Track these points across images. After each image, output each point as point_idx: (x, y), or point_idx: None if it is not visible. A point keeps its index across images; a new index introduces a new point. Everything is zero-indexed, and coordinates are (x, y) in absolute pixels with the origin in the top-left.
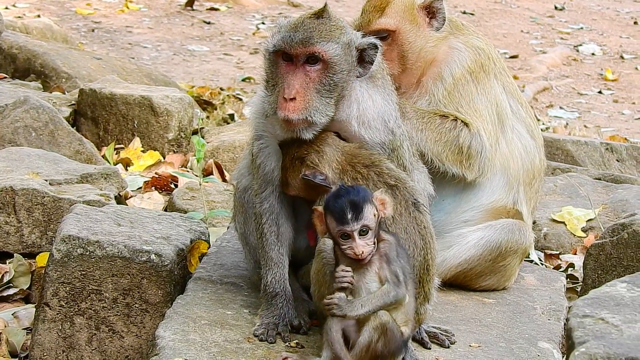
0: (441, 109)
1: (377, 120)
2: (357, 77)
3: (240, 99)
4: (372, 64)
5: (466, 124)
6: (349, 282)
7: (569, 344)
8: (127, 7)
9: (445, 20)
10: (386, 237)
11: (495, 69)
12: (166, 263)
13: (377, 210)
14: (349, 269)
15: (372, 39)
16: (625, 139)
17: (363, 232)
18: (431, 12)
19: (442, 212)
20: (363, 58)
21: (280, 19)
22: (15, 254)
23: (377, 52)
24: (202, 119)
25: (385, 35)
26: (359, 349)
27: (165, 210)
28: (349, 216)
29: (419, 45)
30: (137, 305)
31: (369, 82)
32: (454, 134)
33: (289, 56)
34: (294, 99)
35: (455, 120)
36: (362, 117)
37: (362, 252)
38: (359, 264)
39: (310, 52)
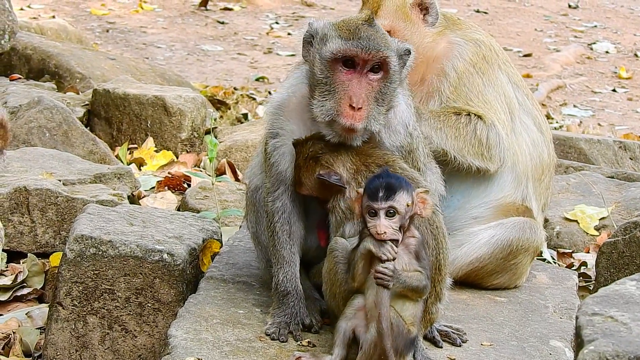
0: (453, 105)
1: (399, 125)
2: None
3: (254, 99)
4: (407, 69)
5: (480, 117)
6: (389, 279)
7: (578, 342)
8: (142, 8)
9: (438, 14)
10: (416, 234)
11: (498, 60)
12: (178, 262)
13: (412, 203)
14: (391, 264)
15: (407, 44)
16: (639, 137)
17: (390, 214)
18: (424, 8)
19: (451, 208)
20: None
21: (314, 22)
22: (28, 254)
23: (410, 57)
24: (215, 119)
25: None
26: (367, 346)
27: (178, 209)
28: (380, 194)
29: (417, 41)
30: (149, 304)
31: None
32: (470, 127)
33: (351, 63)
34: (360, 108)
35: (469, 114)
36: (389, 122)
37: (385, 232)
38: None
39: (379, 61)
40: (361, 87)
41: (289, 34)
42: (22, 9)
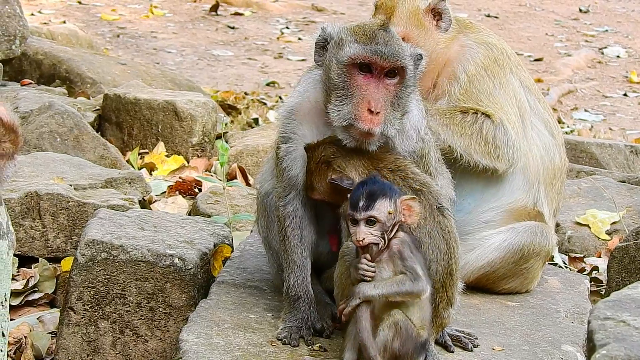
0: (461, 105)
1: (412, 130)
2: None
3: (265, 104)
4: (418, 75)
5: (488, 115)
6: (372, 273)
7: (590, 347)
8: (152, 13)
9: (451, 20)
10: (399, 234)
11: (510, 63)
12: (190, 267)
13: (396, 211)
14: (373, 263)
15: (420, 50)
16: None
17: (370, 222)
18: (437, 14)
19: (462, 212)
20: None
21: (327, 26)
22: (40, 259)
23: (422, 62)
24: (226, 124)
25: None
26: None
27: (189, 214)
28: (360, 204)
29: (430, 48)
30: (160, 309)
31: None
32: (476, 126)
33: (368, 68)
34: (378, 112)
35: (476, 113)
36: (402, 127)
37: (363, 239)
38: (373, 259)
39: (397, 66)
40: (379, 92)
41: (299, 38)
42: (32, 15)
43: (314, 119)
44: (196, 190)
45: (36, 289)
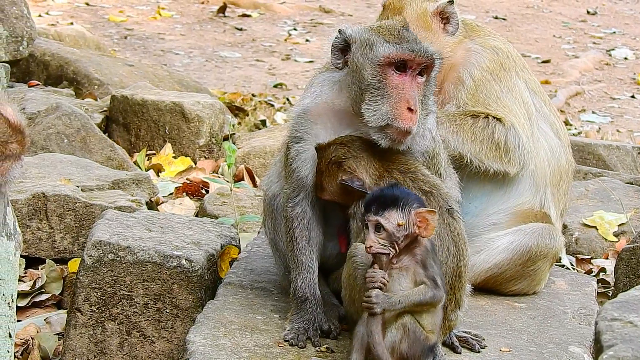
0: (471, 109)
1: (426, 130)
2: None
3: (272, 105)
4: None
5: (498, 119)
6: (381, 283)
7: (597, 348)
8: (160, 14)
9: (459, 24)
10: (424, 243)
11: (515, 67)
12: (197, 268)
13: (408, 223)
14: (380, 270)
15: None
16: None
17: (378, 230)
18: (444, 17)
19: (470, 214)
20: None
21: (346, 29)
22: (47, 260)
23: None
24: (233, 125)
25: None
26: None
27: (197, 215)
28: (372, 207)
29: None
30: (167, 310)
31: None
32: (488, 131)
33: (403, 67)
34: (415, 110)
35: (487, 117)
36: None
37: (370, 247)
38: (392, 267)
39: (431, 64)
40: (413, 90)
41: (307, 40)
42: (40, 16)
43: (329, 120)
44: (203, 191)
45: (43, 290)
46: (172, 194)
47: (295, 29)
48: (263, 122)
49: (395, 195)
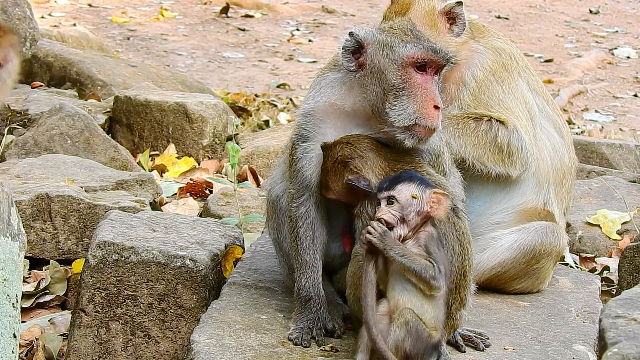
0: (473, 112)
1: None
2: None
3: (275, 105)
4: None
5: (501, 122)
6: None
7: (601, 345)
8: (162, 15)
9: (465, 25)
10: (429, 229)
11: (518, 67)
12: (201, 268)
13: (422, 199)
14: (383, 226)
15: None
16: None
17: (390, 202)
18: (451, 17)
19: (473, 213)
20: None
21: (357, 31)
22: (51, 261)
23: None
24: (236, 125)
25: None
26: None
27: (200, 216)
28: (385, 184)
29: None
30: (172, 310)
31: None
32: (491, 134)
33: (424, 67)
34: (441, 108)
35: (490, 120)
36: None
37: (382, 217)
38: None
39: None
40: (435, 89)
41: (310, 40)
42: (43, 17)
43: (337, 120)
44: (207, 191)
45: (47, 291)
46: (175, 194)
47: (298, 30)
48: (266, 123)
49: (412, 174)
